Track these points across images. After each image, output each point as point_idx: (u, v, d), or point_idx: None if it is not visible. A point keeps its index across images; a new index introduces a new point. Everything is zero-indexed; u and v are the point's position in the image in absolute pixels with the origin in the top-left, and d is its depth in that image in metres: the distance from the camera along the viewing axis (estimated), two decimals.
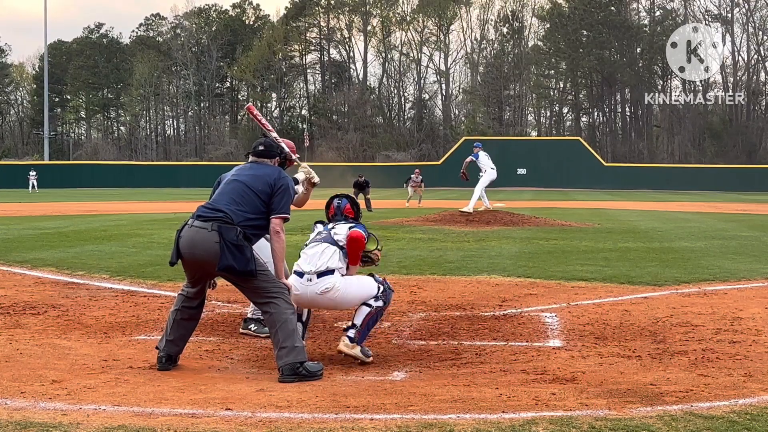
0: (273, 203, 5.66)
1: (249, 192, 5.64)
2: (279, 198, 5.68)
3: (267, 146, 5.98)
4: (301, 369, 5.31)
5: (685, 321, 7.32)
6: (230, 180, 5.79)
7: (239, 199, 5.62)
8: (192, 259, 5.53)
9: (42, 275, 10.40)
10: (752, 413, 4.46)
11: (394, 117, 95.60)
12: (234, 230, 5.46)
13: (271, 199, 5.66)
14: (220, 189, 5.80)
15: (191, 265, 5.59)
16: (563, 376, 5.32)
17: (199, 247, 5.47)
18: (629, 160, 78.70)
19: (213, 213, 5.55)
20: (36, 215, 25.03)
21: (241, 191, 5.65)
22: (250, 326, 7.06)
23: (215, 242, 5.42)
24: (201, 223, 5.51)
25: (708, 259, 12.46)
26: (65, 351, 6.12)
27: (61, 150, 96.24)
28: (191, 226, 5.54)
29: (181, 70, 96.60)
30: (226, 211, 5.53)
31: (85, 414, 4.40)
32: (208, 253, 5.43)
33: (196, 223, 5.53)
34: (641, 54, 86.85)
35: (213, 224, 5.47)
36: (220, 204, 5.61)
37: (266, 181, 5.68)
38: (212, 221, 5.48)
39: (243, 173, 5.80)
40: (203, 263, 5.50)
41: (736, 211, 29.99)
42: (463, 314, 7.83)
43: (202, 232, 5.48)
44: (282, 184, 5.71)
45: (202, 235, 5.47)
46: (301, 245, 6.24)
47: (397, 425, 4.20)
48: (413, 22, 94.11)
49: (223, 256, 5.41)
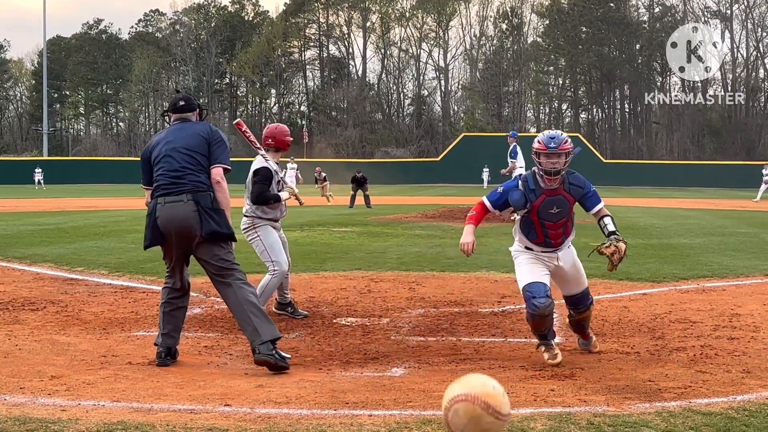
0: (212, 155, 5.66)
1: (193, 154, 5.62)
2: (216, 149, 5.68)
3: (186, 100, 5.94)
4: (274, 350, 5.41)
5: (684, 317, 7.33)
6: (170, 150, 5.66)
7: (189, 166, 5.59)
8: (175, 234, 5.52)
9: (41, 271, 10.40)
10: (750, 409, 4.47)
11: (393, 113, 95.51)
12: (207, 196, 5.55)
13: (209, 151, 5.66)
14: (166, 161, 5.64)
15: (175, 242, 5.57)
16: (562, 373, 5.33)
17: (178, 221, 5.48)
18: (628, 156, 78.67)
19: (178, 186, 5.54)
20: (35, 211, 25.01)
21: (186, 156, 5.61)
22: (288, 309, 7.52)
23: (193, 211, 5.46)
24: (173, 197, 5.51)
25: (707, 256, 12.47)
26: (64, 347, 6.12)
27: (60, 146, 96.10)
28: (164, 204, 5.53)
29: (180, 66, 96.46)
30: (187, 180, 5.54)
31: (84, 410, 4.41)
32: (189, 223, 5.47)
33: (168, 200, 5.53)
34: (640, 50, 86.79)
35: (185, 195, 5.49)
36: (178, 174, 5.58)
37: (201, 138, 5.68)
38: (183, 193, 5.50)
39: (176, 139, 5.71)
40: (186, 236, 5.51)
41: (735, 208, 29.99)
42: (461, 310, 7.84)
43: (177, 206, 5.49)
44: (217, 136, 5.73)
45: (178, 208, 5.48)
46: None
47: (396, 421, 4.21)
48: (412, 19, 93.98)
49: (204, 223, 5.46)
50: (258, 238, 7.26)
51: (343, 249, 13.43)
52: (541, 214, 5.58)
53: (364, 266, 11.03)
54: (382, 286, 9.27)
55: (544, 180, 5.56)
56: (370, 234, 16.41)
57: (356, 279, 9.85)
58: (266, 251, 7.23)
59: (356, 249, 13.46)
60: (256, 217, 7.28)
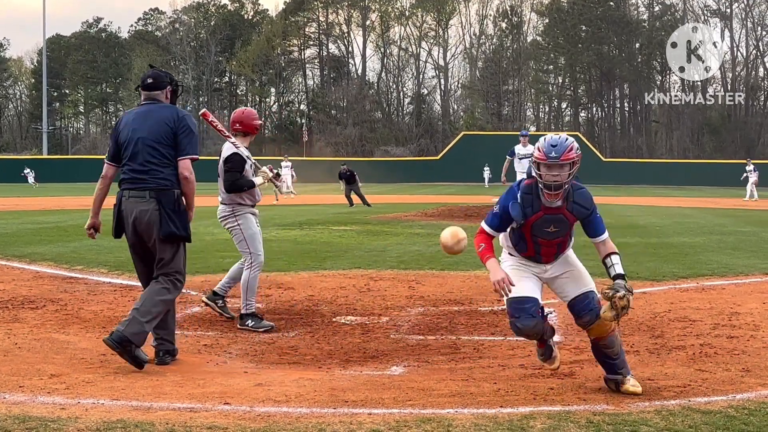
0: (178, 145, 5.48)
1: (157, 146, 5.47)
2: (183, 138, 5.49)
3: (155, 77, 5.75)
4: (130, 347, 5.28)
5: (683, 316, 7.33)
6: (135, 140, 5.53)
7: (152, 160, 5.47)
8: (135, 229, 5.49)
9: (40, 269, 10.39)
10: (750, 408, 4.47)
11: (393, 112, 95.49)
12: (171, 194, 5.45)
13: (175, 141, 5.49)
14: (131, 154, 5.54)
15: (138, 238, 5.53)
16: (561, 371, 5.33)
17: (139, 218, 5.45)
18: (628, 155, 78.64)
19: (141, 183, 5.47)
20: (35, 210, 25.01)
21: (150, 149, 5.48)
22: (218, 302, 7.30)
23: (155, 210, 5.40)
24: (137, 193, 5.47)
25: (706, 255, 12.47)
26: (64, 345, 6.12)
27: (59, 144, 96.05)
28: (128, 198, 5.49)
29: (180, 64, 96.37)
30: (149, 177, 5.44)
31: (84, 408, 4.40)
32: (150, 223, 5.42)
33: (132, 194, 5.48)
34: (640, 49, 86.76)
35: (148, 193, 5.43)
36: (142, 170, 5.48)
37: (167, 127, 5.49)
38: (146, 190, 5.44)
39: (141, 128, 5.55)
40: (145, 233, 5.47)
41: (735, 207, 30.01)
42: (461, 309, 7.84)
43: (140, 203, 5.45)
44: (183, 124, 5.52)
45: (140, 205, 5.44)
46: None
47: (396, 420, 4.21)
48: (412, 17, 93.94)
49: (164, 224, 5.40)
50: (238, 227, 7.11)
51: (343, 247, 13.44)
52: (534, 230, 4.84)
53: (363, 265, 11.03)
54: (381, 285, 9.26)
55: (543, 195, 4.74)
56: (370, 232, 16.40)
57: (356, 277, 9.85)
58: (245, 241, 7.11)
59: (356, 247, 13.46)
60: (236, 203, 7.11)
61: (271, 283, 9.29)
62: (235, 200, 7.10)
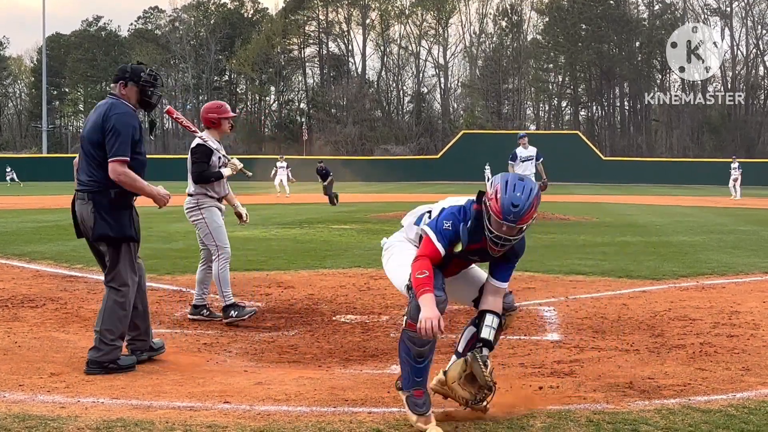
0: (106, 146, 5.23)
1: (89, 147, 5.32)
2: (108, 140, 5.23)
3: (119, 70, 5.51)
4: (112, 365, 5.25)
5: (683, 315, 7.33)
6: (81, 138, 5.47)
7: (85, 162, 5.37)
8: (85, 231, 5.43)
9: (40, 268, 10.39)
10: (750, 407, 4.47)
11: (393, 111, 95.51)
12: (105, 195, 5.28)
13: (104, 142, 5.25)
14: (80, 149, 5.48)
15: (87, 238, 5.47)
16: (561, 370, 5.33)
17: (83, 219, 5.39)
18: (628, 154, 78.64)
19: (79, 183, 5.40)
20: (34, 208, 25.00)
21: (84, 150, 5.37)
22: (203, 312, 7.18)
23: (91, 211, 5.32)
24: (80, 194, 5.41)
25: (706, 253, 12.47)
26: (63, 344, 6.11)
27: (59, 143, 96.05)
28: (77, 200, 5.44)
29: (180, 63, 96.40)
30: (84, 178, 5.36)
31: (84, 407, 4.40)
32: (88, 223, 5.35)
33: (78, 196, 5.42)
34: (640, 48, 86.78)
35: (85, 194, 5.35)
36: (79, 170, 5.41)
37: (97, 126, 5.29)
38: (83, 191, 5.36)
39: (85, 125, 5.45)
40: (89, 234, 5.41)
41: (735, 206, 30.01)
42: (460, 308, 7.82)
43: (81, 204, 5.39)
44: (109, 124, 5.24)
45: (81, 206, 5.39)
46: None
47: (395, 419, 4.21)
48: (412, 16, 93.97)
49: (97, 225, 5.30)
50: (203, 220, 7.12)
51: (343, 246, 13.43)
52: (459, 254, 4.28)
53: (363, 263, 11.02)
54: (381, 284, 9.25)
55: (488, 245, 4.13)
56: (370, 231, 16.40)
57: (356, 276, 9.85)
58: (211, 235, 7.12)
59: (356, 246, 13.46)
60: (201, 194, 7.12)
61: (270, 281, 9.29)
62: (201, 192, 7.14)
